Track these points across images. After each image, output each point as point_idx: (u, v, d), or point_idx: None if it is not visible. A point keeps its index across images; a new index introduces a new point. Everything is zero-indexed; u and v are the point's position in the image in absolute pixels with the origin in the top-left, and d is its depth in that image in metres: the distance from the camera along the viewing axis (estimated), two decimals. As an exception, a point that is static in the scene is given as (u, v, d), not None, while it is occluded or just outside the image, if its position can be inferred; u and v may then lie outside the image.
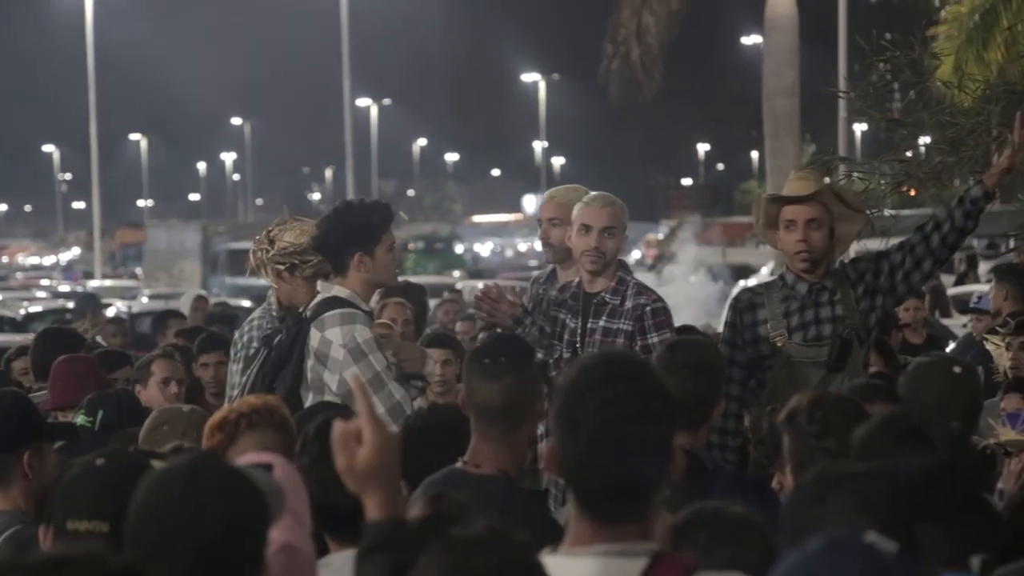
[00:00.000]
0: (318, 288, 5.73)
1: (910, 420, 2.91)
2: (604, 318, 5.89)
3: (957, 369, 4.77)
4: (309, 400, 5.47)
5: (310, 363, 5.54)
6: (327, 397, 5.44)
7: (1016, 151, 5.65)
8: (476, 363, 4.06)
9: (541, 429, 4.57)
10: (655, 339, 5.80)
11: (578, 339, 5.95)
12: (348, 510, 3.46)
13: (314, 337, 5.52)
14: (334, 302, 5.57)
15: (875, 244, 7.78)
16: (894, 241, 6.22)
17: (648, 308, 5.86)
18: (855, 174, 8.15)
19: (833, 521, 2.58)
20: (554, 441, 2.75)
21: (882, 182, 8.03)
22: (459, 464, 4.09)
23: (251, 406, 4.15)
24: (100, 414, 5.84)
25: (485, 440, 4.02)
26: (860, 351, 5.82)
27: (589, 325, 5.92)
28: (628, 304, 5.87)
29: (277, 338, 5.70)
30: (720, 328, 6.83)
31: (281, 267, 6.12)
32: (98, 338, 13.27)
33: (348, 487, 2.84)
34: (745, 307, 5.98)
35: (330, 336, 5.50)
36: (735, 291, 6.29)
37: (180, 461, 2.75)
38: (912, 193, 8.42)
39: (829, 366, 5.73)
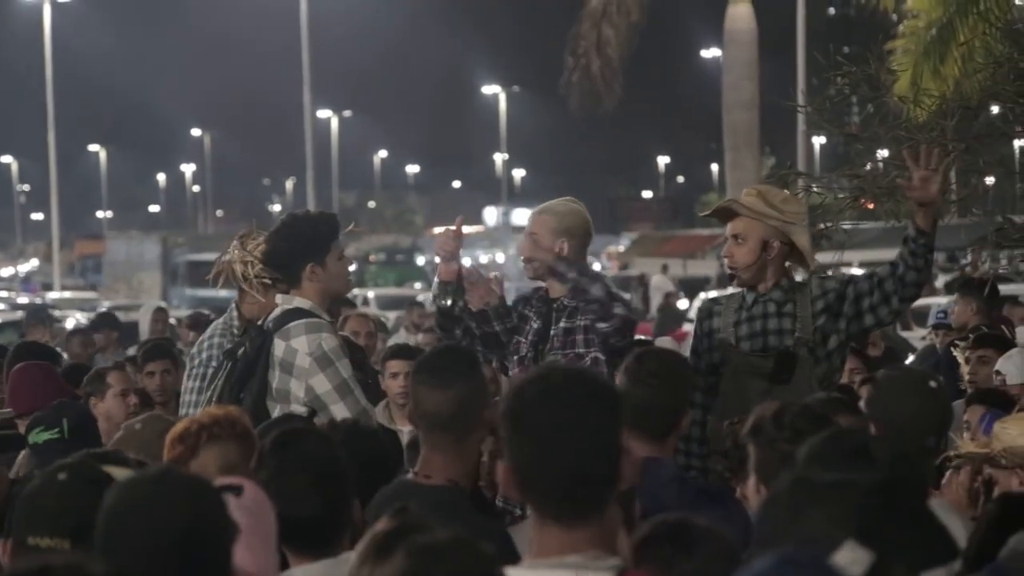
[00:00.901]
0: (277, 301, 5.74)
1: (854, 437, 2.94)
2: (564, 320, 5.93)
3: (932, 384, 4.81)
4: (276, 411, 5.48)
5: (275, 374, 5.55)
6: (294, 406, 5.45)
7: (917, 188, 5.66)
8: (422, 373, 4.08)
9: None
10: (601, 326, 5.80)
11: (540, 340, 5.98)
12: (308, 523, 3.49)
13: (278, 347, 5.54)
14: (297, 313, 5.59)
15: (828, 257, 7.85)
16: (848, 254, 6.26)
17: (592, 297, 5.84)
18: (813, 187, 8.21)
19: (808, 531, 2.59)
20: (507, 455, 2.80)
21: (839, 195, 8.10)
22: (409, 476, 4.12)
23: (212, 417, 4.13)
24: (65, 423, 5.77)
25: (435, 450, 4.04)
26: (812, 367, 5.82)
27: (551, 331, 5.96)
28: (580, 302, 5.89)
29: (240, 350, 5.70)
30: None
31: (267, 281, 6.13)
32: (58, 349, 13.23)
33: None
34: (704, 315, 6.09)
35: (295, 345, 5.52)
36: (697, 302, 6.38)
37: (149, 470, 2.77)
38: (869, 207, 8.50)
39: (771, 378, 5.76)
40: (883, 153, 8.53)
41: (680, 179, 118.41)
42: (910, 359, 11.29)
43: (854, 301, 5.85)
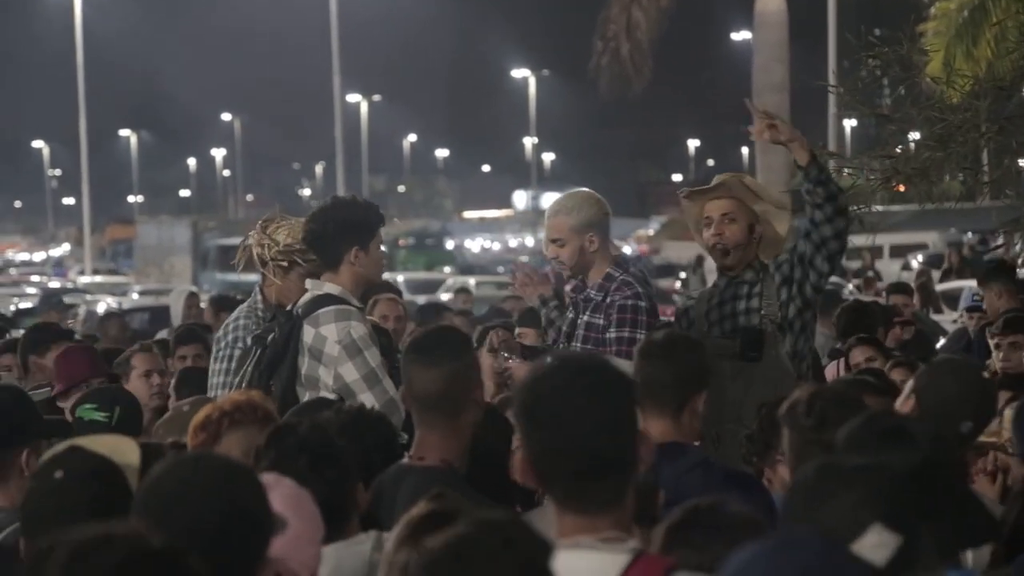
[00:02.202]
0: (308, 286, 5.73)
1: (893, 418, 2.93)
2: (588, 313, 5.93)
3: (982, 374, 4.77)
4: (305, 397, 5.47)
5: (304, 360, 5.54)
6: (322, 393, 5.44)
7: (770, 134, 5.71)
8: (413, 353, 4.14)
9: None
10: (613, 334, 5.81)
11: (572, 331, 6.00)
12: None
13: (308, 333, 5.53)
14: (327, 299, 5.57)
15: (861, 240, 7.81)
16: (880, 237, 6.23)
17: (617, 303, 5.84)
18: (844, 169, 8.17)
19: (835, 515, 2.59)
20: (522, 443, 2.81)
21: (871, 178, 8.05)
22: (405, 459, 4.14)
23: (234, 403, 4.13)
24: (117, 410, 5.75)
25: (429, 430, 4.08)
26: (780, 342, 5.83)
27: (578, 320, 5.96)
28: (608, 300, 5.88)
29: (270, 336, 5.69)
30: None
31: (283, 264, 6.13)
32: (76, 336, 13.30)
33: None
34: (681, 314, 6.18)
35: (324, 332, 5.51)
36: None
37: (188, 454, 2.76)
38: (901, 189, 8.44)
39: (741, 356, 5.75)
40: (915, 135, 8.48)
41: (710, 162, 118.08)
42: (941, 342, 11.24)
43: (799, 262, 5.87)
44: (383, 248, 5.80)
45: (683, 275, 35.97)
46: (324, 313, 5.53)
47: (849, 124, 57.23)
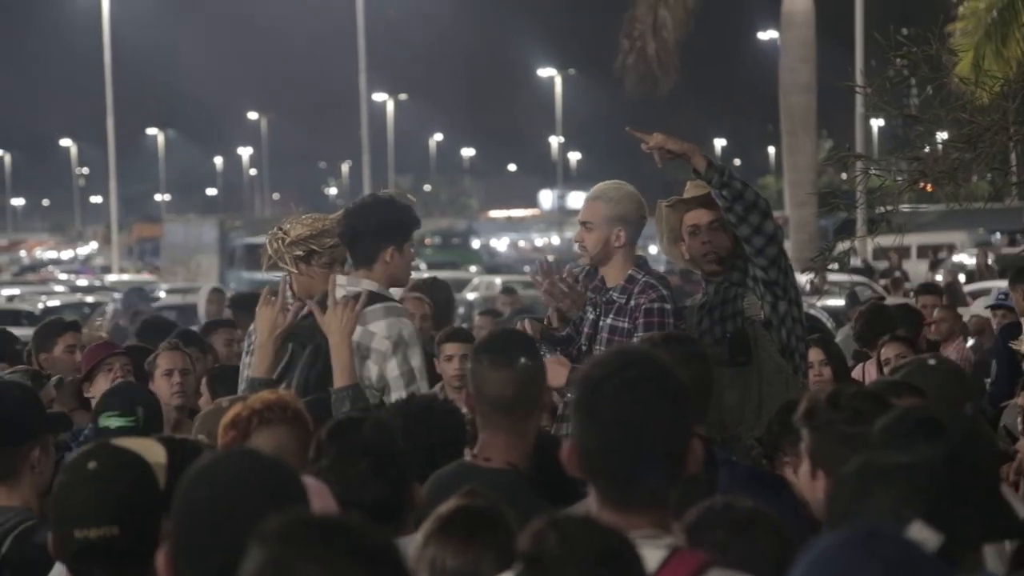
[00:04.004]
0: (339, 282, 5.67)
1: (923, 413, 2.92)
2: (612, 316, 5.85)
3: (954, 369, 4.76)
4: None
5: (358, 361, 5.49)
6: (366, 390, 5.41)
7: (664, 154, 5.69)
8: (484, 355, 4.10)
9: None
10: (640, 338, 5.69)
11: (595, 332, 5.94)
12: (370, 508, 3.50)
13: (358, 332, 5.45)
14: (372, 296, 5.55)
15: (888, 240, 7.77)
16: (908, 237, 6.19)
17: (643, 307, 5.76)
18: (871, 170, 8.14)
19: (878, 512, 2.59)
20: (573, 435, 2.80)
21: (898, 178, 8.03)
22: (468, 458, 4.14)
23: (264, 402, 4.12)
24: (141, 412, 5.73)
25: (496, 432, 4.05)
26: (768, 339, 5.74)
27: (600, 322, 5.91)
28: (632, 303, 5.81)
29: (319, 334, 5.60)
30: None
31: (300, 254, 6.12)
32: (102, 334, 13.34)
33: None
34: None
35: (373, 328, 5.49)
36: None
37: (229, 451, 2.75)
38: (929, 189, 8.41)
39: (730, 362, 5.65)
40: (943, 135, 8.45)
41: (737, 162, 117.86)
42: (970, 342, 11.21)
43: (750, 262, 5.80)
44: (411, 252, 5.79)
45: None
46: (373, 310, 5.50)
47: (876, 124, 57.09)
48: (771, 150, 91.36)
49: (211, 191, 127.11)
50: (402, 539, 3.56)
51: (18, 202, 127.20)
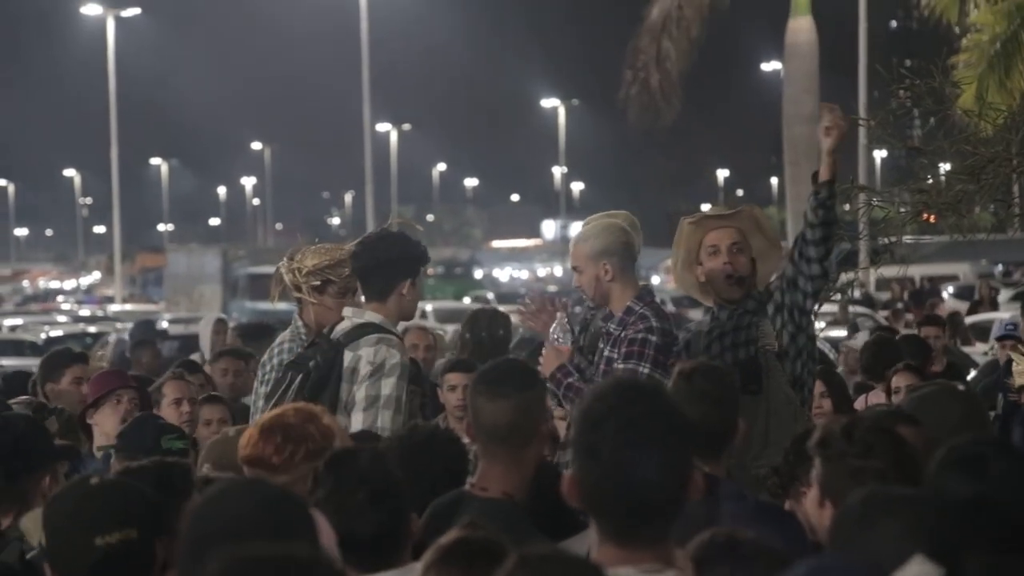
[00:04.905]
0: (345, 313, 5.72)
1: (976, 445, 2.90)
2: (608, 347, 5.81)
3: (967, 393, 4.75)
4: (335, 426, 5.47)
5: (344, 385, 5.56)
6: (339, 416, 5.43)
7: (832, 135, 5.72)
8: (481, 385, 4.11)
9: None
10: (620, 367, 5.66)
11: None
12: (367, 539, 3.49)
13: (348, 358, 5.54)
14: (371, 327, 5.59)
15: (892, 271, 7.77)
16: (911, 268, 6.20)
17: (628, 337, 5.70)
18: (874, 201, 8.15)
19: (881, 543, 2.58)
20: (573, 468, 2.78)
21: (902, 210, 8.03)
22: (466, 487, 4.13)
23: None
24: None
25: (493, 462, 4.05)
26: (780, 370, 5.74)
27: (596, 356, 5.89)
28: (623, 334, 5.74)
29: (311, 363, 5.66)
30: None
31: (316, 284, 6.16)
32: (104, 364, 13.31)
33: None
34: (682, 347, 5.94)
35: (361, 353, 5.54)
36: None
37: (235, 480, 2.75)
38: (932, 221, 8.41)
39: (742, 390, 5.63)
40: (946, 167, 8.46)
41: (740, 192, 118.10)
42: (972, 374, 11.19)
43: (787, 287, 5.81)
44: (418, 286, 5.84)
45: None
46: (366, 339, 5.56)
47: (880, 155, 57.14)
48: (774, 181, 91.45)
49: (214, 221, 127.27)
50: (399, 570, 3.56)
51: (21, 232, 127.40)
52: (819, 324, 7.08)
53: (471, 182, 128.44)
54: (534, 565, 2.40)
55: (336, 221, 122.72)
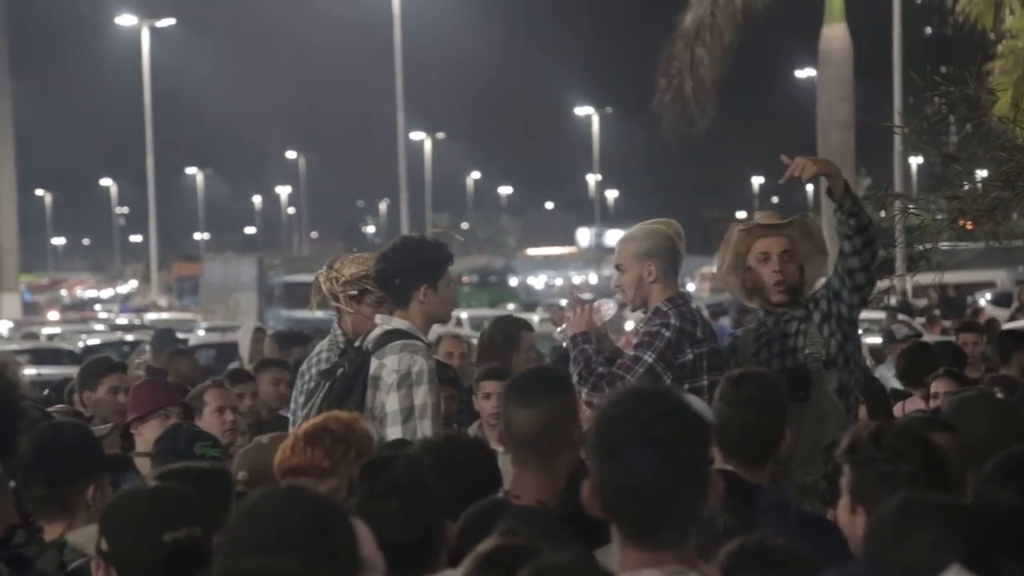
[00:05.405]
0: (376, 321, 5.77)
1: (1020, 456, 2.90)
2: (634, 348, 5.88)
3: (1004, 399, 4.74)
4: (372, 430, 5.50)
5: (370, 392, 5.59)
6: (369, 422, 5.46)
7: (809, 170, 5.68)
8: (512, 392, 4.13)
9: None
10: (630, 353, 5.73)
11: None
12: (401, 547, 3.51)
13: (373, 365, 5.58)
14: (396, 334, 5.62)
15: (928, 278, 7.75)
16: (947, 275, 6.17)
17: (643, 331, 5.77)
18: (910, 208, 8.13)
19: (917, 551, 2.57)
20: (592, 474, 2.80)
21: (937, 216, 8.01)
22: (500, 495, 4.14)
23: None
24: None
25: (526, 469, 4.07)
26: (827, 378, 5.76)
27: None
28: (643, 328, 5.83)
29: (339, 370, 5.74)
30: None
31: (353, 292, 6.19)
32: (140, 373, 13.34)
33: None
34: (728, 352, 6.00)
35: (386, 362, 5.57)
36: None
37: (277, 488, 2.78)
38: (968, 227, 8.39)
39: (789, 396, 5.63)
40: (982, 173, 8.43)
41: (775, 199, 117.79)
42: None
43: (833, 297, 5.82)
44: (452, 287, 5.83)
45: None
46: (391, 346, 5.59)
47: (915, 162, 56.92)
48: (809, 188, 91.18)
49: (250, 230, 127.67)
50: (435, 576, 3.58)
51: (59, 241, 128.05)
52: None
53: (505, 190, 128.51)
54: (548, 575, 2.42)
55: (371, 229, 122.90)
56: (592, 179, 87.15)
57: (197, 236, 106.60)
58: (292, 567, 2.40)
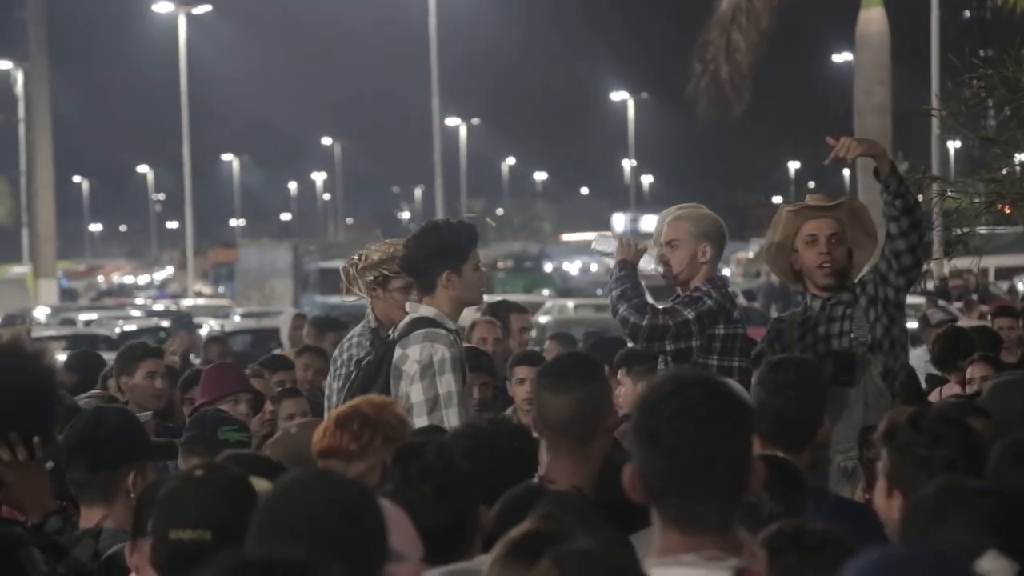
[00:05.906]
0: (407, 308, 5.77)
1: None
2: (673, 303, 5.95)
3: None
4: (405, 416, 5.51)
5: (395, 381, 5.59)
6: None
7: (855, 149, 5.73)
8: (545, 378, 4.14)
9: None
10: (665, 306, 5.86)
11: None
12: (435, 532, 3.50)
13: (397, 355, 5.60)
14: (421, 322, 5.62)
15: (965, 262, 7.70)
16: (986, 259, 6.15)
17: (684, 296, 5.90)
18: (948, 192, 8.08)
19: (954, 537, 2.55)
20: (634, 459, 2.78)
21: (975, 200, 7.96)
22: (535, 480, 4.14)
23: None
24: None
25: (559, 455, 4.07)
26: (872, 362, 5.75)
27: None
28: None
29: (365, 360, 5.74)
30: None
31: (371, 279, 6.17)
32: (192, 356, 13.42)
33: None
34: (774, 336, 6.04)
35: (409, 352, 5.58)
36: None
37: (306, 472, 2.77)
38: (1006, 211, 8.33)
39: (833, 380, 5.56)
40: (1020, 156, 8.37)
41: (811, 184, 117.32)
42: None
43: (880, 280, 5.82)
44: (480, 270, 5.80)
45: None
46: (414, 335, 5.59)
47: (953, 145, 56.59)
48: (846, 173, 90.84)
49: (285, 216, 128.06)
50: (469, 562, 3.57)
51: (96, 228, 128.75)
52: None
53: (540, 176, 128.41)
54: (570, 563, 2.41)
55: (406, 215, 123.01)
56: (627, 165, 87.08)
57: (233, 223, 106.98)
58: (315, 555, 2.39)
